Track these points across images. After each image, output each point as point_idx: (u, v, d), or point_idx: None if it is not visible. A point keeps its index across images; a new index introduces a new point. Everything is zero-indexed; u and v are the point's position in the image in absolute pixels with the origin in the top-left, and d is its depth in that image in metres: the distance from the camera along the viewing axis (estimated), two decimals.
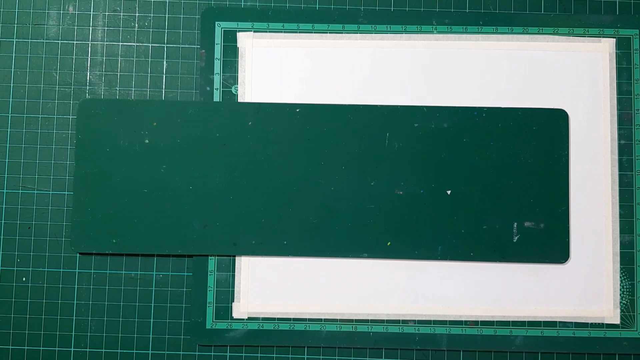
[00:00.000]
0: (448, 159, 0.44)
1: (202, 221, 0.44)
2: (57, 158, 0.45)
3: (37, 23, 0.46)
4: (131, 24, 0.46)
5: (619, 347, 0.44)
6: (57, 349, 0.44)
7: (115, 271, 0.45)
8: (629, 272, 0.44)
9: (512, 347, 0.44)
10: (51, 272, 0.45)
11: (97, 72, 0.46)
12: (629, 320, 0.44)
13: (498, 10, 0.46)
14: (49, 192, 0.45)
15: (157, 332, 0.44)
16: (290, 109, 0.44)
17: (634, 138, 0.45)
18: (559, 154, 0.44)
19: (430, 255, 0.44)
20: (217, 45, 0.45)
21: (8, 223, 0.45)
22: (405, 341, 0.44)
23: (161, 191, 0.44)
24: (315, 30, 0.45)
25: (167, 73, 0.46)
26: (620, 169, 0.45)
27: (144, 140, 0.44)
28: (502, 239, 0.44)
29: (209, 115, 0.44)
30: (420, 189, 0.44)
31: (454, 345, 0.44)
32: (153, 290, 0.45)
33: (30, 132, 0.45)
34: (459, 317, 0.44)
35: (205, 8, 0.46)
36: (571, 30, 0.45)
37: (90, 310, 0.45)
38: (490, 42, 0.45)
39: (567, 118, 0.45)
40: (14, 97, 0.46)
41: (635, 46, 0.45)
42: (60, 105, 0.46)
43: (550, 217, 0.44)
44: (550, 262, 0.44)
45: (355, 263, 0.44)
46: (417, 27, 0.45)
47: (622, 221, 0.44)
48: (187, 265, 0.45)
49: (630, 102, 0.45)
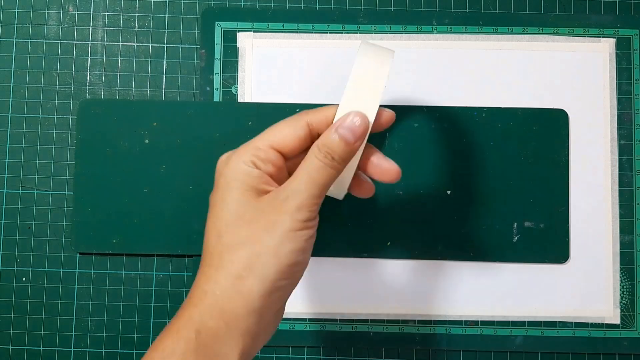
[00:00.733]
0: (448, 159, 0.44)
1: (202, 221, 0.44)
2: (57, 158, 0.45)
3: (37, 23, 0.46)
4: (131, 24, 0.46)
5: (619, 347, 0.44)
6: (57, 349, 0.44)
7: (115, 271, 0.45)
8: (629, 272, 0.44)
9: (512, 347, 0.44)
10: (51, 272, 0.45)
11: (97, 72, 0.46)
12: (629, 320, 0.44)
13: (498, 11, 0.46)
14: (49, 192, 0.45)
15: (158, 332, 0.44)
16: (290, 109, 0.44)
17: (633, 138, 0.45)
18: (558, 154, 0.44)
19: (430, 255, 0.44)
20: (217, 45, 0.45)
21: (8, 223, 0.45)
22: (406, 341, 0.44)
23: (161, 191, 0.44)
24: (315, 30, 0.45)
25: (167, 73, 0.46)
26: (620, 169, 0.45)
27: (144, 140, 0.44)
28: (502, 239, 0.44)
29: (209, 115, 0.44)
30: (420, 189, 0.44)
31: (454, 345, 0.44)
32: (153, 291, 0.45)
33: (30, 132, 0.45)
34: (459, 317, 0.44)
35: (205, 8, 0.46)
36: (571, 31, 0.45)
37: (90, 310, 0.45)
38: (490, 42, 0.45)
39: (567, 118, 0.45)
40: (14, 97, 0.46)
41: (635, 46, 0.45)
42: (60, 105, 0.46)
43: (550, 217, 0.44)
44: (550, 262, 0.44)
45: (355, 263, 0.44)
46: (417, 27, 0.45)
47: (622, 221, 0.44)
48: (187, 266, 0.45)
49: (630, 102, 0.45)
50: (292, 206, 0.29)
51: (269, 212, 0.29)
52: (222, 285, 0.29)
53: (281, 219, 0.29)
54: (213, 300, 0.29)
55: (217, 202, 0.31)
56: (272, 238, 0.29)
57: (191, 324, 0.28)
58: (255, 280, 0.28)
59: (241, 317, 0.28)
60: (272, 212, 0.29)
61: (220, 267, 0.29)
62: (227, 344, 0.28)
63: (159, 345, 0.29)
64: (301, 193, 0.29)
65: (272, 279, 0.29)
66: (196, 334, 0.28)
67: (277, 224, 0.29)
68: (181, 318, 0.29)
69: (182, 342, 0.28)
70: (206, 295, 0.29)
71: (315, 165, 0.30)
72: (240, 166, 0.30)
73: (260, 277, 0.28)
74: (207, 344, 0.28)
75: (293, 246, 0.29)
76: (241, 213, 0.30)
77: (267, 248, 0.29)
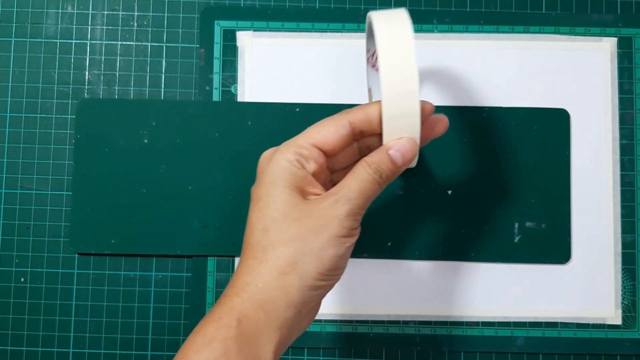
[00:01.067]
0: (448, 159, 0.44)
1: (201, 221, 0.44)
2: (56, 158, 0.45)
3: (36, 22, 0.46)
4: (130, 23, 0.46)
5: (620, 348, 0.44)
6: (55, 350, 0.44)
7: (114, 272, 0.45)
8: (631, 273, 0.44)
9: (513, 347, 0.44)
10: (50, 272, 0.45)
11: (96, 71, 0.46)
12: (631, 320, 0.44)
13: (499, 10, 0.46)
14: (48, 192, 0.45)
15: (156, 333, 0.44)
16: (290, 108, 0.44)
17: (635, 138, 0.45)
18: (560, 154, 0.44)
19: (431, 255, 0.44)
20: (216, 45, 0.45)
21: (6, 223, 0.45)
22: (406, 342, 0.44)
23: (160, 191, 0.44)
24: (315, 29, 0.45)
25: (166, 72, 0.46)
26: (622, 169, 0.44)
27: (143, 140, 0.44)
28: (503, 239, 0.44)
29: (208, 114, 0.44)
30: (420, 189, 0.44)
31: (455, 346, 0.44)
32: (152, 291, 0.44)
33: (28, 132, 0.45)
34: (460, 317, 0.44)
35: (205, 7, 0.46)
36: (572, 30, 0.45)
37: (89, 311, 0.44)
38: (491, 41, 0.45)
39: (568, 118, 0.44)
40: (13, 96, 0.45)
41: (636, 45, 0.45)
42: (59, 105, 0.45)
43: (552, 217, 0.44)
44: (551, 263, 0.44)
45: (355, 263, 0.44)
46: (417, 26, 0.45)
47: (623, 221, 0.44)
48: (187, 266, 0.45)
49: (632, 101, 0.45)
50: (341, 212, 0.30)
51: (317, 215, 0.31)
52: (264, 279, 0.30)
53: (330, 223, 0.30)
54: (255, 292, 0.30)
55: (262, 197, 0.32)
56: (319, 240, 0.30)
57: (233, 313, 0.30)
58: (297, 278, 0.30)
59: (280, 309, 0.30)
60: (320, 215, 0.31)
61: (264, 260, 0.30)
62: (265, 334, 0.30)
63: (201, 330, 0.30)
64: (351, 201, 0.31)
65: (313, 278, 0.30)
66: (237, 322, 0.29)
67: (325, 227, 0.30)
68: (223, 306, 0.30)
69: (223, 329, 0.29)
70: (249, 286, 0.30)
71: (365, 178, 0.31)
72: (284, 164, 0.32)
73: (302, 275, 0.30)
74: (246, 332, 0.29)
75: (336, 251, 0.30)
76: (288, 211, 0.31)
77: (312, 249, 0.30)
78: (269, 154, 0.33)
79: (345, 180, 0.32)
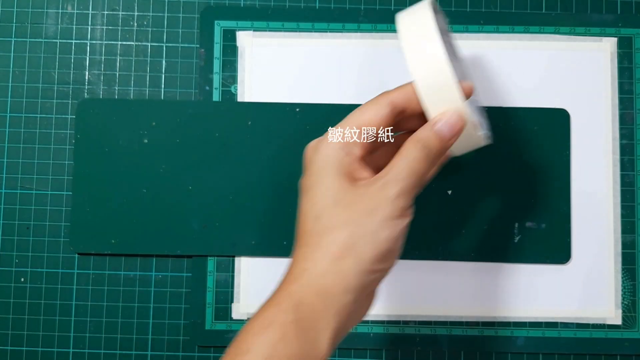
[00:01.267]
0: (449, 158, 0.44)
1: (201, 221, 0.44)
2: (56, 158, 0.45)
3: (36, 22, 0.46)
4: (130, 23, 0.46)
5: (620, 348, 0.44)
6: (55, 350, 0.44)
7: (114, 272, 0.45)
8: (631, 273, 0.44)
9: (513, 348, 0.44)
10: (50, 272, 0.45)
11: (96, 71, 0.46)
12: (631, 320, 0.44)
13: (499, 10, 0.46)
14: (48, 192, 0.45)
15: (156, 333, 0.44)
16: (290, 108, 0.44)
17: (635, 138, 0.45)
18: (560, 154, 0.44)
19: (431, 256, 0.44)
20: (216, 45, 0.45)
21: (6, 223, 0.45)
22: (406, 342, 0.44)
23: (160, 191, 0.44)
24: (315, 29, 0.45)
25: (166, 72, 0.46)
26: (622, 169, 0.44)
27: (143, 140, 0.44)
28: (503, 239, 0.44)
29: (208, 114, 0.44)
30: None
31: (455, 346, 0.44)
32: (152, 291, 0.44)
33: (28, 132, 0.45)
34: (460, 317, 0.44)
35: (205, 7, 0.46)
36: (572, 30, 0.45)
37: (89, 311, 0.44)
38: (491, 41, 0.45)
39: (568, 118, 0.44)
40: (13, 96, 0.45)
41: (636, 45, 0.45)
42: (59, 105, 0.45)
43: (552, 217, 0.44)
44: (551, 263, 0.44)
45: None
46: None
47: (623, 221, 0.44)
48: (187, 266, 0.45)
49: (632, 101, 0.45)
50: (392, 193, 0.30)
51: (368, 198, 0.31)
52: (320, 264, 0.30)
53: (382, 205, 0.30)
54: (312, 278, 0.30)
55: (312, 187, 0.32)
56: (372, 222, 0.30)
57: (290, 299, 0.30)
58: (353, 262, 0.30)
59: (337, 295, 0.30)
60: (371, 198, 0.30)
61: (319, 247, 0.30)
62: (323, 320, 0.30)
63: (260, 315, 0.30)
64: (401, 181, 0.31)
65: (369, 261, 0.30)
66: (294, 308, 0.29)
67: (378, 209, 0.30)
68: (281, 292, 0.30)
69: (281, 314, 0.29)
70: (305, 272, 0.30)
71: (414, 156, 0.31)
72: (331, 152, 0.32)
73: (358, 259, 0.30)
74: (304, 317, 0.29)
75: (390, 233, 0.30)
76: (339, 197, 0.31)
77: (366, 232, 0.30)
78: (315, 144, 0.33)
79: (393, 161, 0.32)
